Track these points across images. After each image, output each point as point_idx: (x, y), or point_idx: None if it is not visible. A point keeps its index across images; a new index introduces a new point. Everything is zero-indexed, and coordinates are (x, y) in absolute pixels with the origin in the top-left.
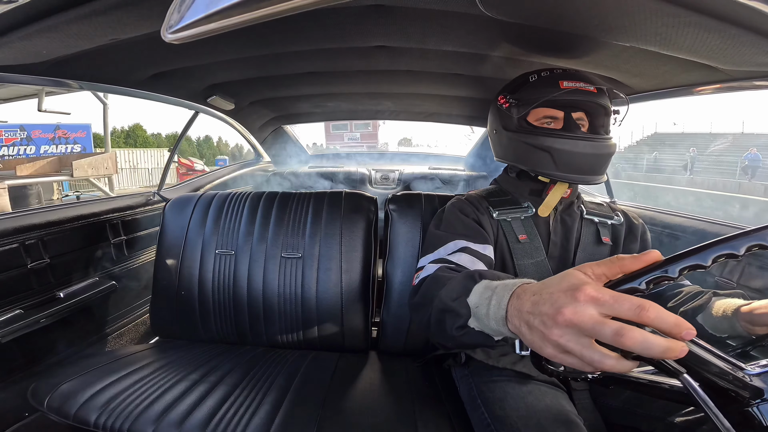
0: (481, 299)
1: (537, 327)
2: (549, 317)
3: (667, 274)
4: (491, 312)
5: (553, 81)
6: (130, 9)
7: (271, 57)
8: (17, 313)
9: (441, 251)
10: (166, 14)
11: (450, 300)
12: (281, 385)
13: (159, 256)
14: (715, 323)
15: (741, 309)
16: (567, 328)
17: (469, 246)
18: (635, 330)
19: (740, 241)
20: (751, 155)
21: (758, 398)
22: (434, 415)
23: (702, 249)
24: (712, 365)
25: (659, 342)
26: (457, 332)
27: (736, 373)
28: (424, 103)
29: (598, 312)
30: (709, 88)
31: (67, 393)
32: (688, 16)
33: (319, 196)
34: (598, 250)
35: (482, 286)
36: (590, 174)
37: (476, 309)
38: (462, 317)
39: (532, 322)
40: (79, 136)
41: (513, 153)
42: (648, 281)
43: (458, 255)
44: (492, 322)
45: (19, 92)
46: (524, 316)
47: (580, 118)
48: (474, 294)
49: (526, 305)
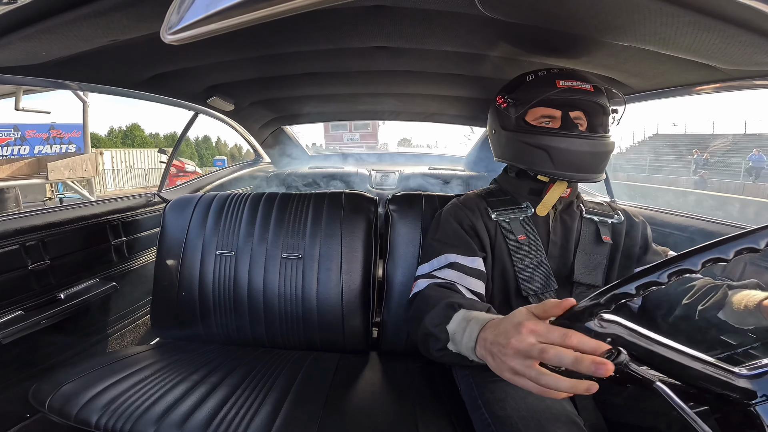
0: (458, 328)
1: (497, 355)
2: (503, 347)
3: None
4: (464, 341)
5: (549, 80)
6: (129, 10)
7: (270, 58)
8: (18, 314)
9: (434, 263)
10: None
11: (432, 326)
12: (282, 385)
13: (159, 257)
14: (739, 318)
15: (764, 303)
16: (514, 355)
17: (457, 261)
18: (552, 348)
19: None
20: (755, 156)
21: (753, 399)
22: (435, 416)
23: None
24: (696, 371)
25: (568, 354)
26: (437, 353)
27: (725, 377)
28: (424, 103)
29: (537, 340)
30: (708, 88)
31: (69, 394)
32: (687, 15)
33: (319, 196)
34: (598, 249)
35: (460, 317)
36: (588, 172)
37: (453, 335)
38: (441, 341)
39: (494, 351)
40: (74, 136)
41: (511, 152)
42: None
43: (446, 271)
44: (463, 349)
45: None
46: (488, 346)
47: (578, 117)
48: (453, 322)
49: (489, 337)
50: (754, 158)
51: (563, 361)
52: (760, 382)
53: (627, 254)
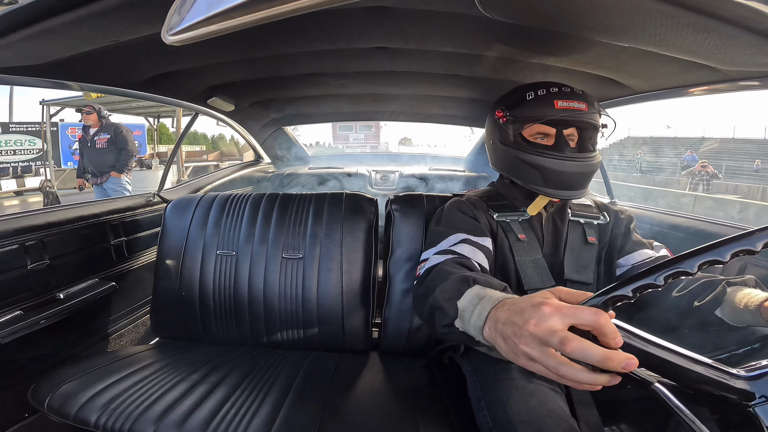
0: (468, 304)
1: (510, 338)
2: (518, 327)
3: (654, 282)
4: (473, 319)
5: (548, 101)
6: (130, 11)
7: (271, 58)
8: (17, 314)
9: (443, 244)
10: (167, 16)
11: (443, 299)
12: (282, 385)
13: (160, 257)
14: (737, 316)
15: (765, 304)
16: (531, 338)
17: (469, 238)
18: (576, 339)
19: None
20: (689, 157)
21: (752, 400)
22: (436, 416)
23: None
24: (694, 373)
25: (597, 351)
26: (443, 329)
27: (723, 379)
28: (424, 104)
29: (563, 322)
30: (708, 89)
31: (68, 393)
32: (687, 16)
33: (319, 197)
34: (586, 249)
35: (473, 293)
36: (574, 189)
37: (463, 312)
38: (449, 317)
39: (506, 332)
40: (136, 134)
41: (507, 166)
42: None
43: (460, 246)
44: (470, 328)
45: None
46: (500, 327)
47: (571, 134)
48: (464, 298)
49: (502, 316)
50: (688, 158)
51: (589, 357)
52: (758, 383)
53: (611, 248)
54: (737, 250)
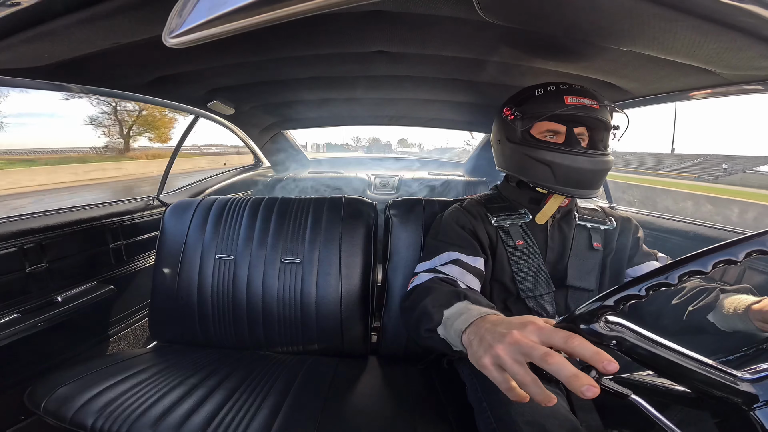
0: (455, 313)
1: (486, 340)
2: (501, 335)
3: (666, 281)
4: (456, 324)
5: (558, 96)
6: (131, 13)
7: (271, 62)
8: (15, 316)
9: (435, 261)
10: (168, 19)
11: (432, 306)
12: (280, 390)
13: (158, 260)
14: (727, 321)
15: (753, 307)
16: (511, 345)
17: (460, 258)
18: (556, 355)
19: (738, 248)
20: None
21: (755, 403)
22: (435, 421)
23: (701, 255)
24: (700, 375)
25: (568, 368)
26: (425, 333)
27: (728, 381)
28: (424, 108)
29: (539, 339)
30: (707, 93)
31: (65, 396)
32: (686, 20)
33: (318, 201)
34: (590, 255)
35: (462, 305)
36: (587, 188)
37: (447, 319)
38: (433, 322)
39: (487, 337)
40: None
41: (515, 164)
42: (648, 288)
43: (449, 267)
44: (452, 332)
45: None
46: (480, 331)
47: (581, 133)
48: (452, 308)
49: (487, 325)
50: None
51: (560, 374)
52: (762, 386)
53: (618, 257)
54: (751, 250)
